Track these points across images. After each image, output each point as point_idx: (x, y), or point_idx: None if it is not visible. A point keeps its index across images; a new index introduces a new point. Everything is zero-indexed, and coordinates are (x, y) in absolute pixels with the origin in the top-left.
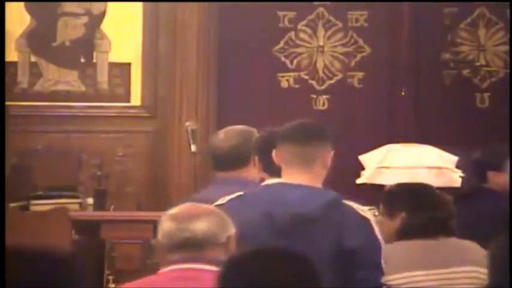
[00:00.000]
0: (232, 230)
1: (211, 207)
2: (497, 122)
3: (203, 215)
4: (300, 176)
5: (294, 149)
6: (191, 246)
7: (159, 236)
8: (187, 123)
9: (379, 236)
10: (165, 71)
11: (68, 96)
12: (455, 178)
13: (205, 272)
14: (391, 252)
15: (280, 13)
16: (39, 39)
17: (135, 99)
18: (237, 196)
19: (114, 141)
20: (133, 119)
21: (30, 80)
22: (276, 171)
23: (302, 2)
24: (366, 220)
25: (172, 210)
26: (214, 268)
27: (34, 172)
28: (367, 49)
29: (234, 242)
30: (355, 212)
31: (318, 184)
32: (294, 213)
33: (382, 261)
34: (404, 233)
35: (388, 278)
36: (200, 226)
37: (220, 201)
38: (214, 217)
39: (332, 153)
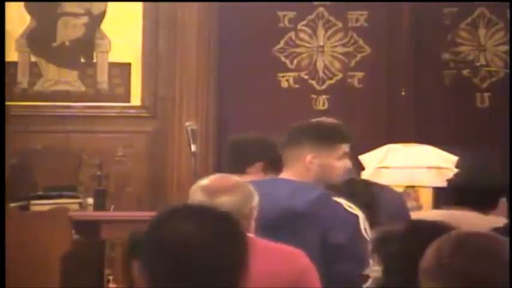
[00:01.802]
0: (255, 201)
1: (238, 180)
2: (497, 122)
3: (230, 189)
4: (286, 174)
5: (285, 149)
6: None
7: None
8: (187, 123)
9: (364, 233)
10: (165, 71)
11: (67, 96)
12: None
13: None
14: None
15: (280, 13)
16: (39, 39)
17: (135, 99)
18: None
19: (114, 141)
20: (133, 119)
21: (30, 80)
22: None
23: (302, 2)
24: (352, 216)
25: (204, 182)
26: None
27: (34, 172)
28: (367, 49)
29: (255, 211)
30: (342, 208)
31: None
32: (281, 208)
33: (367, 257)
34: None
35: None
36: (227, 199)
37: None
38: (240, 190)
39: (309, 156)
